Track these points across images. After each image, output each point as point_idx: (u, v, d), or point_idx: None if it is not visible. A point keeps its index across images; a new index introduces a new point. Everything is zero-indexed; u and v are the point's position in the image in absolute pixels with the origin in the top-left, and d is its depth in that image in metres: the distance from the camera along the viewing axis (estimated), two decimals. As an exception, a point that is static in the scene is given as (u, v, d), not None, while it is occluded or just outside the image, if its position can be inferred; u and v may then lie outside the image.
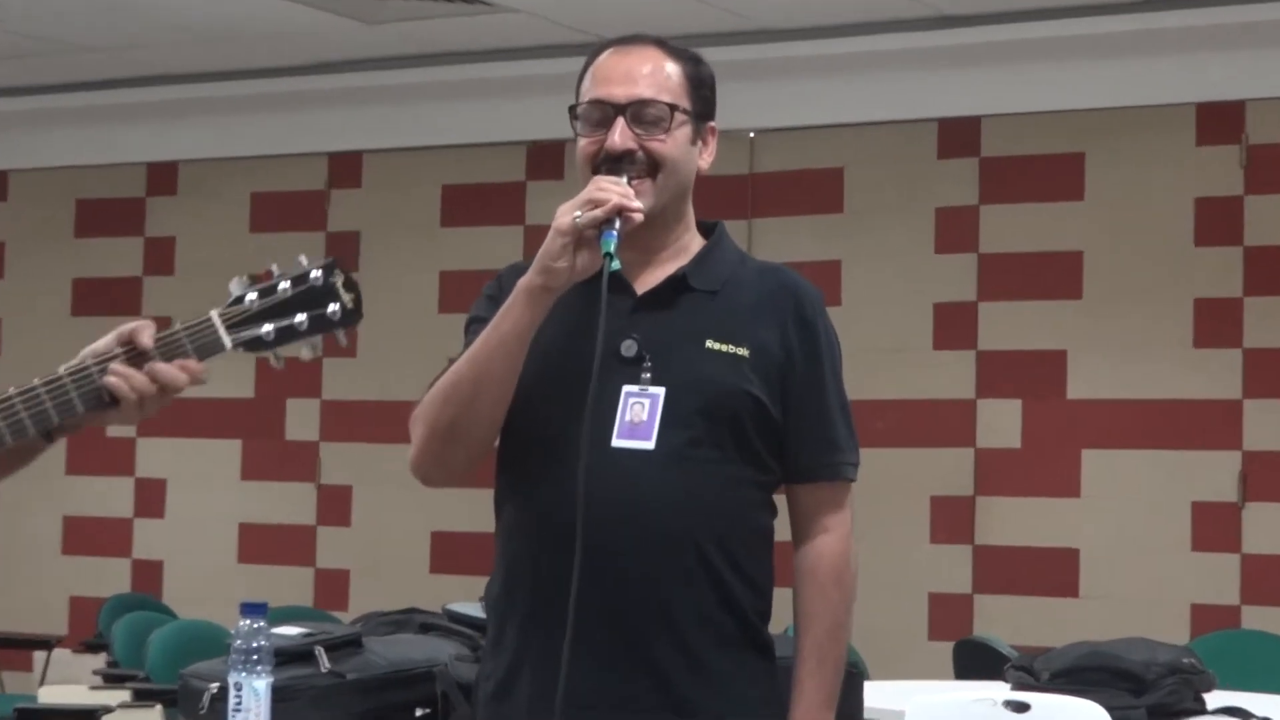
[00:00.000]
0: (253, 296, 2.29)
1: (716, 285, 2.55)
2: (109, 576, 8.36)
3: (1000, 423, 6.96)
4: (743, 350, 2.50)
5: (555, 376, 2.47)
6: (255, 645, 2.44)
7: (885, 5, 6.84)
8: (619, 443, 2.44)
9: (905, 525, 7.00)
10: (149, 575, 8.40)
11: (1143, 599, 6.64)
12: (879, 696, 4.30)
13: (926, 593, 7.02)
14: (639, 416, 2.45)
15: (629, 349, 2.48)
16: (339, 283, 2.31)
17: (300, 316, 2.29)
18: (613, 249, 2.39)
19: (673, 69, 2.55)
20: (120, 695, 5.17)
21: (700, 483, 2.45)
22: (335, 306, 2.31)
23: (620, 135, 2.49)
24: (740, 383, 2.48)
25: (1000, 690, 4.27)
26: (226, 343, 2.27)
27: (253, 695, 2.42)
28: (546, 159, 7.72)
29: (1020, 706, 3.92)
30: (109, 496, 8.52)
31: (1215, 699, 4.32)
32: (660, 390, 2.46)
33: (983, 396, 7.01)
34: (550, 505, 2.44)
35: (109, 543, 8.50)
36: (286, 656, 3.78)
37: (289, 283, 2.30)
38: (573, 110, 2.55)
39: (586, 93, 2.55)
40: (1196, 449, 6.65)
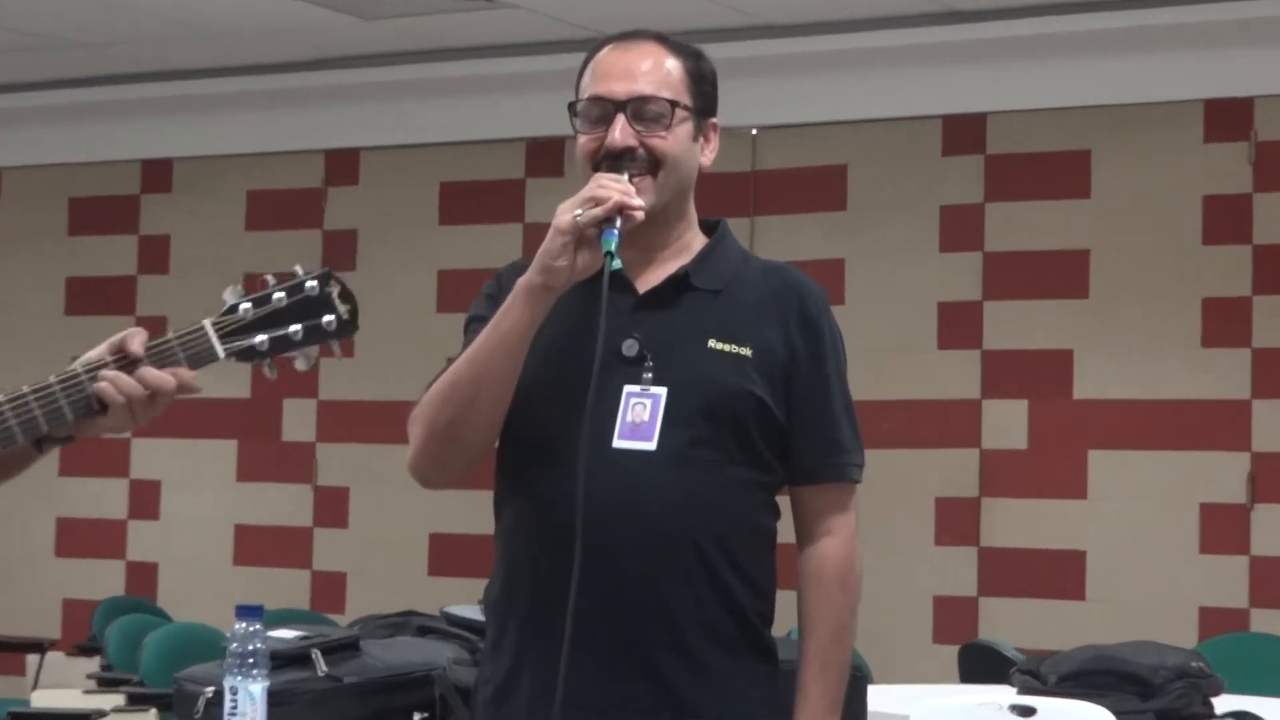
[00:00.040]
0: (247, 306, 2.28)
1: (719, 284, 2.55)
2: (103, 579, 8.36)
3: (1005, 423, 6.96)
4: (746, 350, 2.50)
5: (555, 376, 2.47)
6: (251, 648, 2.44)
7: (889, 1, 6.84)
8: (620, 443, 2.44)
9: (909, 527, 7.00)
10: (143, 577, 8.40)
11: (1150, 602, 6.64)
12: (883, 701, 4.30)
13: (931, 595, 7.01)
14: (640, 417, 2.45)
15: (630, 349, 2.48)
16: (335, 293, 2.31)
17: (295, 327, 2.29)
18: (614, 248, 2.39)
19: (673, 65, 2.55)
20: (114, 699, 5.16)
21: (702, 484, 2.45)
22: (330, 317, 2.30)
23: (620, 132, 2.49)
24: (743, 383, 2.48)
25: (1006, 694, 4.27)
26: (219, 352, 2.27)
27: (248, 699, 2.42)
28: (546, 156, 7.72)
29: (1026, 711, 3.92)
30: (103, 498, 8.52)
31: (1224, 703, 4.32)
32: (662, 390, 2.46)
33: (988, 397, 7.01)
34: (550, 506, 2.44)
35: (103, 545, 8.50)
36: (283, 660, 3.78)
37: (284, 292, 2.30)
38: (572, 107, 2.55)
39: (586, 89, 2.55)
40: (1204, 450, 6.65)
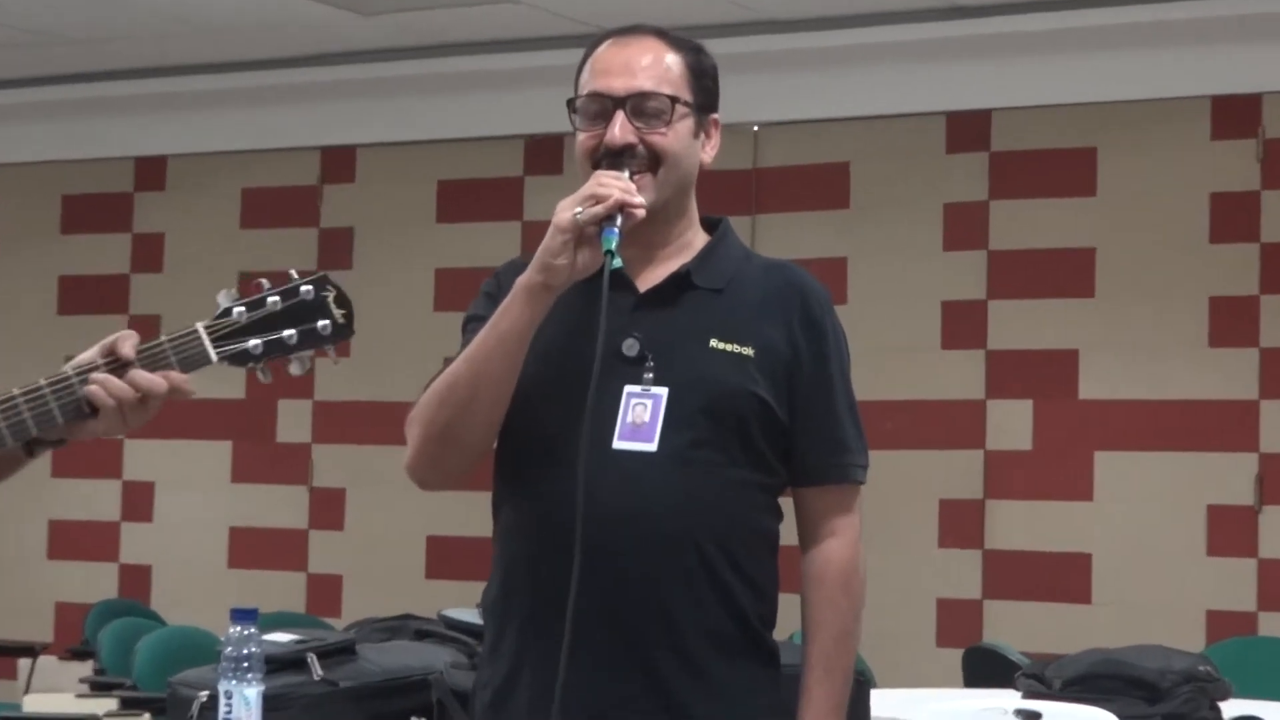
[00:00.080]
0: (240, 309, 2.29)
1: (721, 283, 2.54)
2: (96, 582, 8.35)
3: (1010, 424, 6.96)
4: (748, 350, 2.50)
5: (555, 377, 2.47)
6: (246, 652, 2.43)
7: (892, -4, 6.85)
8: (620, 444, 2.44)
9: (913, 529, 7.00)
10: (137, 580, 8.40)
11: (1157, 605, 6.64)
12: (886, 705, 4.31)
13: (934, 598, 7.01)
14: (641, 418, 2.45)
15: (631, 348, 2.48)
16: (330, 297, 2.32)
17: (289, 331, 2.29)
18: (614, 246, 2.39)
19: (673, 60, 2.55)
20: (107, 704, 5.17)
21: (703, 485, 2.45)
22: (326, 322, 2.31)
23: (620, 129, 2.49)
24: (745, 383, 2.48)
25: (1011, 699, 4.27)
26: (212, 355, 2.28)
27: (243, 704, 2.42)
28: (545, 153, 7.72)
29: (1031, 716, 3.92)
30: (95, 499, 8.52)
31: (1231, 708, 4.32)
32: (663, 391, 2.46)
33: (992, 397, 7.01)
34: (549, 508, 2.44)
35: (96, 547, 8.50)
36: (278, 664, 3.78)
37: (278, 296, 2.30)
38: (571, 104, 2.55)
39: (585, 85, 2.55)
40: (1212, 451, 6.65)
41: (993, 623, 6.88)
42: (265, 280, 2.33)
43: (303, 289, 2.31)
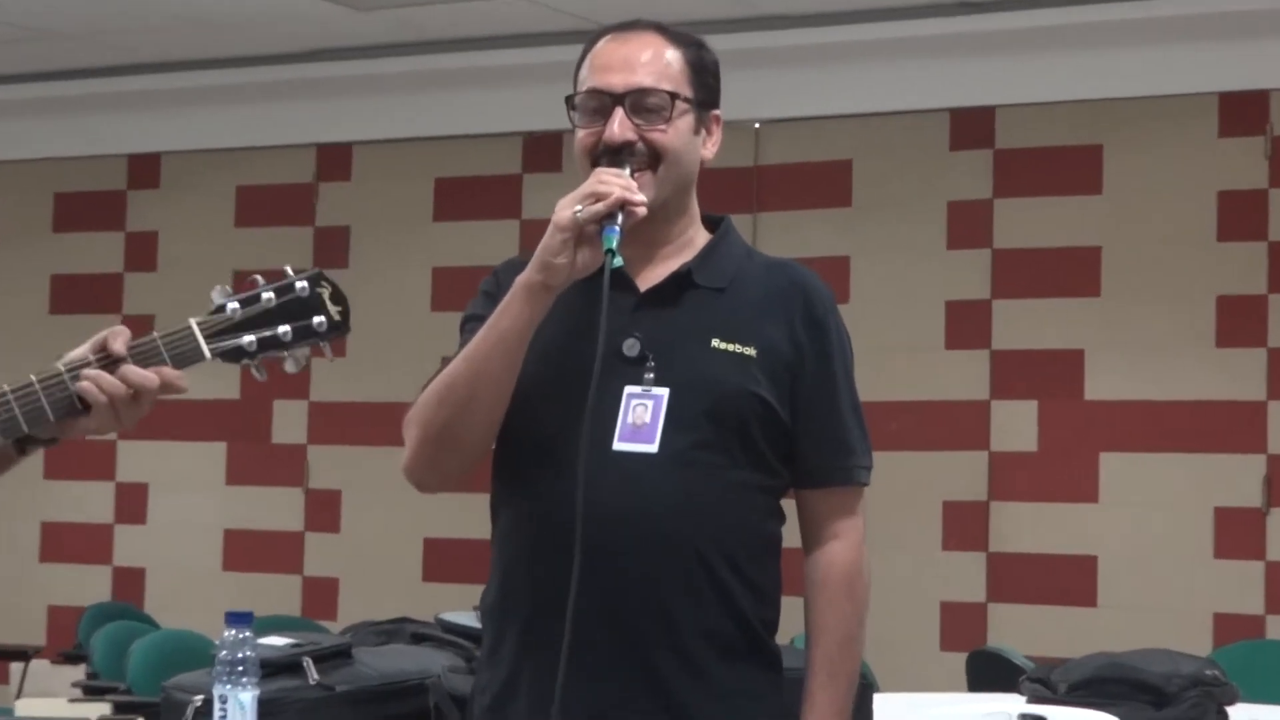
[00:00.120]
0: (234, 306, 2.29)
1: (723, 282, 2.54)
2: (89, 585, 8.35)
3: (1015, 425, 6.96)
4: (750, 350, 2.49)
5: (555, 377, 2.46)
6: (240, 656, 2.43)
7: (895, -9, 6.85)
8: (620, 446, 2.44)
9: (916, 531, 7.00)
10: (130, 583, 8.40)
11: (1163, 608, 6.63)
12: (889, 709, 4.30)
13: (938, 602, 7.01)
14: (641, 419, 2.45)
15: (631, 348, 2.48)
16: (325, 294, 2.31)
17: (284, 328, 2.29)
18: (615, 245, 2.39)
19: (673, 55, 2.55)
20: (100, 708, 5.18)
21: (704, 488, 2.45)
22: (321, 318, 2.31)
23: (619, 126, 2.48)
24: (747, 384, 2.48)
25: (1015, 703, 4.27)
26: (205, 352, 2.27)
27: (238, 708, 2.42)
28: (543, 150, 7.72)
29: (1036, 720, 3.92)
30: (88, 501, 8.52)
31: (1239, 712, 4.31)
32: (664, 391, 2.46)
33: (997, 398, 7.01)
34: (549, 511, 2.43)
35: (89, 550, 8.50)
36: (273, 668, 3.78)
37: (273, 293, 2.30)
38: (570, 100, 2.55)
39: (584, 82, 2.54)
40: (1219, 452, 6.65)
41: (997, 626, 6.88)
42: (260, 276, 2.32)
43: (298, 285, 2.31)
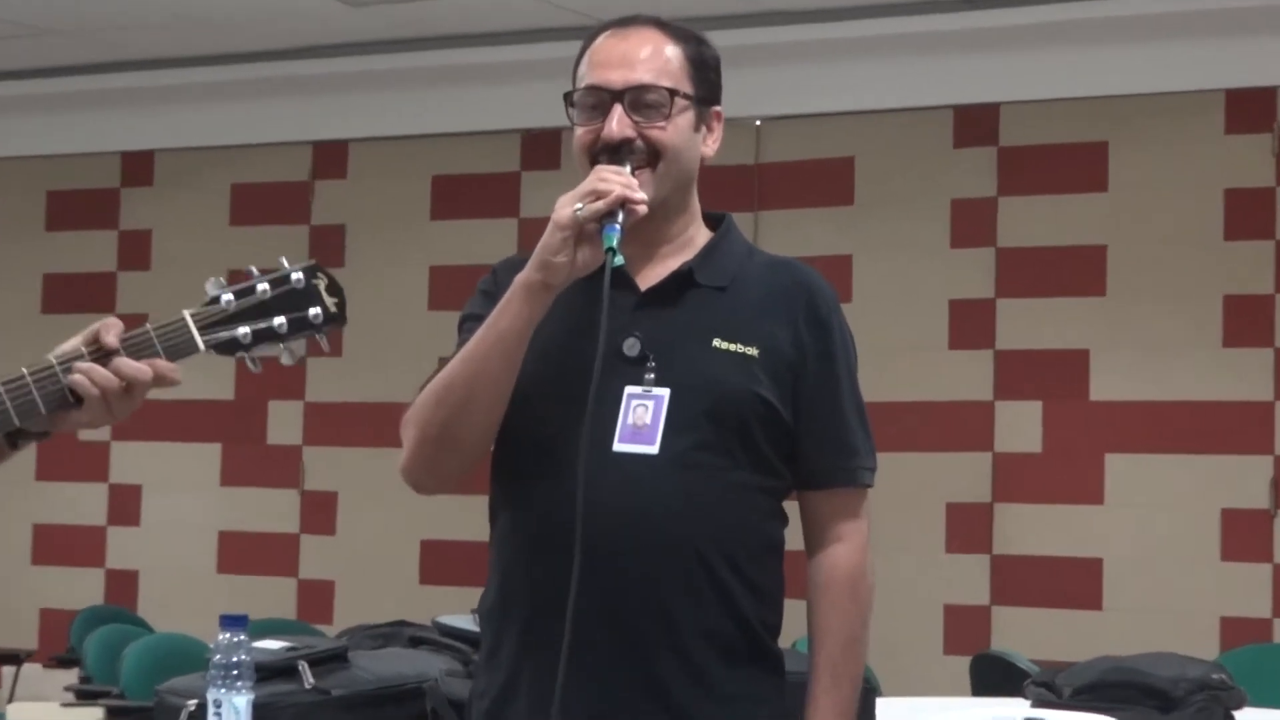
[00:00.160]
0: (229, 297, 2.29)
1: (724, 281, 2.54)
2: (81, 587, 8.35)
3: (1019, 426, 6.96)
4: (752, 349, 2.49)
5: (554, 377, 2.46)
6: (235, 660, 2.44)
7: (898, -14, 6.85)
8: (621, 447, 2.43)
9: (919, 534, 7.00)
10: (123, 586, 8.40)
11: (1170, 611, 6.63)
12: (892, 714, 4.31)
13: (942, 605, 7.01)
14: (642, 419, 2.45)
15: (632, 348, 2.48)
16: (321, 285, 2.32)
17: (279, 319, 2.29)
18: (616, 243, 2.38)
19: (673, 51, 2.55)
20: (93, 713, 5.17)
21: (706, 490, 2.45)
22: (317, 310, 2.31)
23: (617, 123, 2.48)
24: (749, 384, 2.48)
25: (1019, 708, 4.27)
26: (199, 344, 2.27)
27: (233, 713, 2.42)
28: (542, 148, 7.72)
29: (1040, 725, 3.92)
30: (81, 503, 8.52)
31: (1246, 717, 4.32)
32: (665, 392, 2.46)
33: (1001, 398, 7.01)
34: (548, 513, 2.43)
35: (81, 552, 8.50)
36: (268, 672, 3.78)
37: (268, 284, 2.30)
38: (568, 97, 2.55)
39: (582, 78, 2.54)
40: (1226, 453, 6.65)
41: (1001, 629, 6.88)
42: (255, 268, 2.33)
43: (293, 276, 2.31)
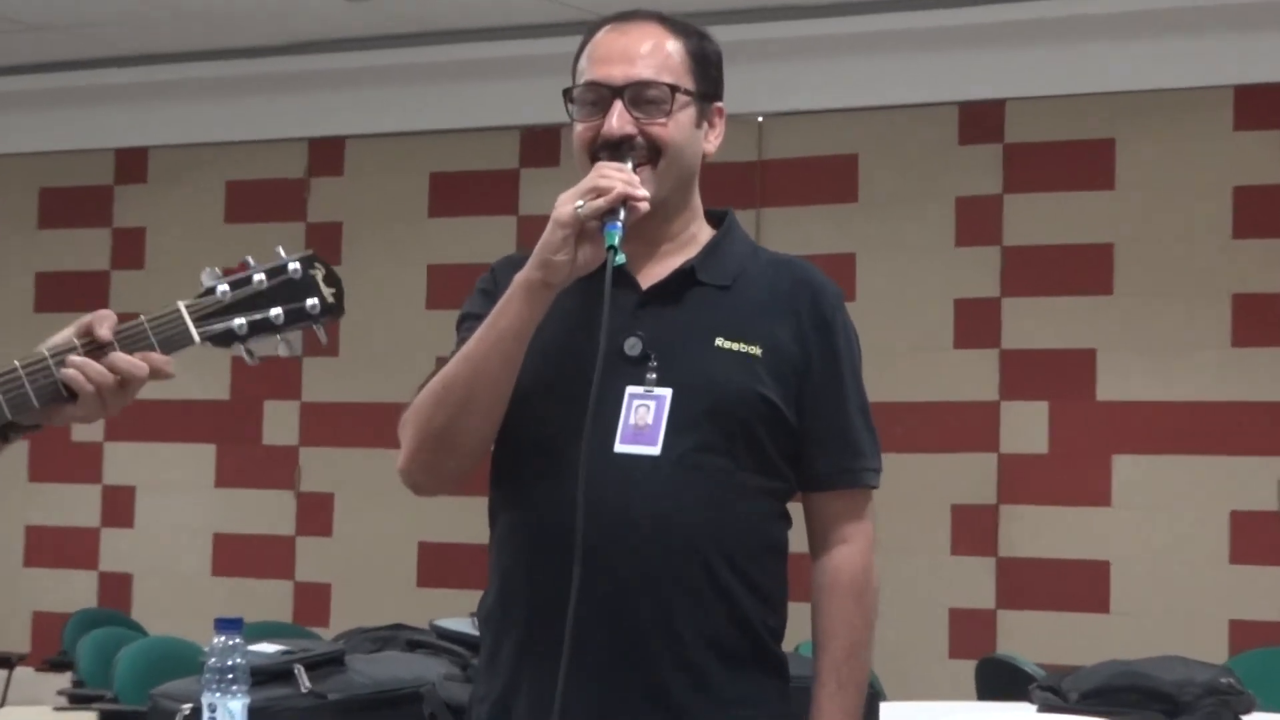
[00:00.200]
0: (224, 288, 2.28)
1: (727, 279, 2.54)
2: (74, 590, 8.35)
3: (1025, 426, 6.95)
4: (755, 349, 2.49)
5: (554, 377, 2.46)
6: (230, 664, 2.43)
7: (903, -19, 6.85)
8: (622, 448, 2.43)
9: (924, 536, 7.00)
10: (117, 589, 8.40)
11: (1177, 614, 6.63)
12: (896, 719, 4.31)
13: (947, 608, 7.01)
14: (644, 420, 2.45)
15: (633, 347, 2.47)
16: (319, 276, 2.31)
17: (276, 310, 2.29)
18: (617, 242, 2.38)
19: (674, 47, 2.54)
20: (86, 717, 5.17)
21: (708, 491, 2.44)
22: (314, 300, 2.30)
23: (617, 120, 2.48)
24: (752, 384, 2.47)
25: (1025, 712, 4.28)
26: (194, 336, 2.27)
27: (228, 717, 2.42)
28: (541, 145, 7.72)
29: (1047, 729, 3.92)
30: (74, 505, 8.52)
31: (1255, 721, 4.32)
32: (666, 392, 2.45)
33: (1006, 398, 7.01)
34: (548, 515, 2.43)
35: (74, 554, 8.50)
36: (264, 676, 3.78)
37: (264, 275, 2.30)
38: (568, 93, 2.55)
39: (582, 74, 2.54)
40: (1235, 454, 6.65)
41: (1007, 633, 6.88)
42: (251, 258, 2.32)
43: (290, 266, 2.30)
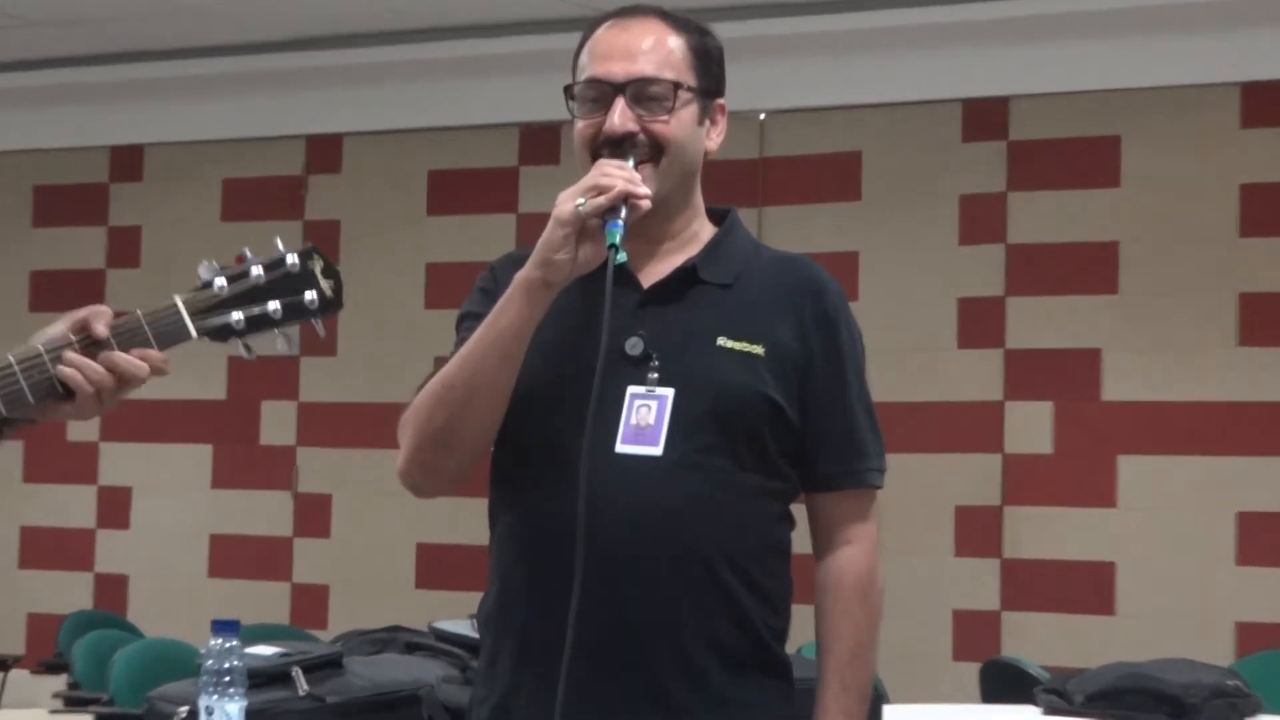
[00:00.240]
0: (222, 282, 2.28)
1: (729, 278, 2.54)
2: (70, 591, 8.35)
3: (1030, 427, 6.95)
4: (757, 348, 2.49)
5: (555, 377, 2.46)
6: (227, 666, 2.43)
7: (906, -23, 6.84)
8: (624, 448, 2.43)
9: (928, 537, 6.99)
10: (113, 590, 8.40)
11: (1184, 616, 6.63)
12: (900, 722, 4.31)
13: (951, 610, 7.01)
14: (645, 420, 2.45)
15: (634, 347, 2.48)
16: (317, 269, 2.31)
17: (274, 304, 2.28)
18: (618, 240, 2.38)
19: (676, 43, 2.55)
20: (82, 720, 5.18)
21: (711, 492, 2.44)
22: (312, 294, 2.30)
23: (620, 117, 2.48)
24: (755, 383, 2.47)
25: (1030, 715, 4.28)
26: (191, 331, 2.26)
27: (225, 720, 2.42)
28: (541, 142, 7.72)
29: (1052, 732, 3.93)
30: (70, 506, 8.51)
31: (1262, 724, 4.33)
32: (668, 392, 2.45)
33: (1011, 399, 7.00)
34: (549, 517, 2.43)
35: (70, 555, 8.50)
36: (261, 678, 3.78)
37: (262, 268, 2.29)
38: (569, 90, 2.55)
39: (583, 70, 2.54)
40: (1242, 455, 6.64)
41: (1011, 635, 6.88)
42: (248, 251, 2.32)
43: (288, 260, 2.30)
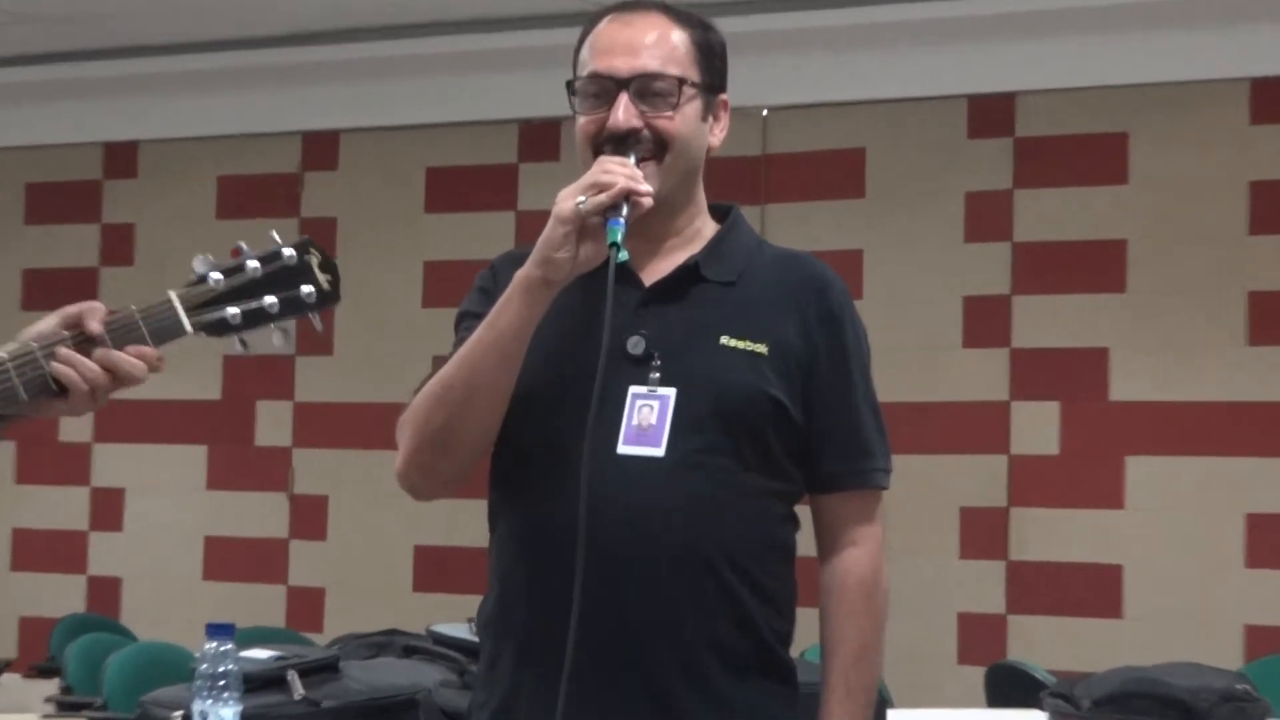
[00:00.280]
0: (217, 276, 2.28)
1: (732, 276, 2.54)
2: (62, 594, 8.35)
3: (1036, 427, 6.95)
4: (761, 347, 2.49)
5: (556, 377, 2.46)
6: (222, 670, 2.43)
7: (911, -29, 6.84)
8: (625, 449, 2.43)
9: (932, 539, 6.99)
10: (106, 593, 8.40)
11: (1192, 619, 6.63)
12: (905, 726, 4.30)
13: (956, 613, 7.01)
14: (647, 420, 2.44)
15: (636, 346, 2.47)
16: (314, 262, 2.31)
17: (270, 298, 2.28)
18: (620, 238, 2.38)
19: (679, 38, 2.54)
20: (75, 724, 5.17)
21: (714, 493, 2.44)
22: (309, 288, 2.30)
23: (623, 113, 2.48)
24: (758, 383, 2.47)
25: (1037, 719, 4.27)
26: (186, 326, 2.26)
27: (220, 725, 2.42)
28: (541, 139, 7.72)
29: (1059, 737, 3.92)
30: (62, 507, 8.52)
31: (1272, 729, 4.32)
32: (670, 391, 2.45)
33: (1017, 399, 7.00)
34: (550, 518, 2.43)
35: (62, 558, 8.50)
36: (256, 682, 3.78)
37: (258, 262, 2.29)
38: (570, 85, 2.55)
39: (585, 65, 2.54)
40: (1251, 456, 6.64)
41: (1017, 638, 6.88)
42: (244, 244, 2.31)
43: (285, 253, 2.30)
